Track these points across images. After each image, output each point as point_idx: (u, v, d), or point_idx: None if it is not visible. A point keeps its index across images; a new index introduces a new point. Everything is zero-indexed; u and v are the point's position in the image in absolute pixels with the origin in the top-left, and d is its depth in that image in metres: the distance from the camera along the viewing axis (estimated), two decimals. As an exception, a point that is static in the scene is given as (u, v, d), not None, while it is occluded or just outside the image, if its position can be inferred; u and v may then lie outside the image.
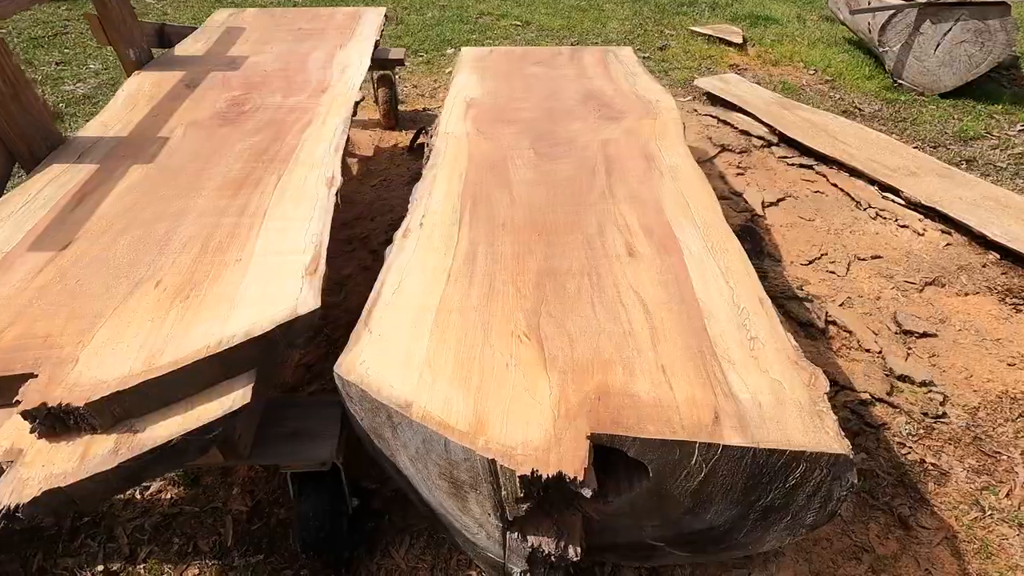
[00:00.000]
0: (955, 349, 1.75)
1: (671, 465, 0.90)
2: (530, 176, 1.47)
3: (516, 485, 0.84)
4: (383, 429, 1.01)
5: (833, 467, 0.86)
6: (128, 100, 1.66)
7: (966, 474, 1.44)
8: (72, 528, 1.30)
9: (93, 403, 0.85)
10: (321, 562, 1.23)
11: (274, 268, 1.07)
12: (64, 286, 1.04)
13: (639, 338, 1.01)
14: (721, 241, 1.24)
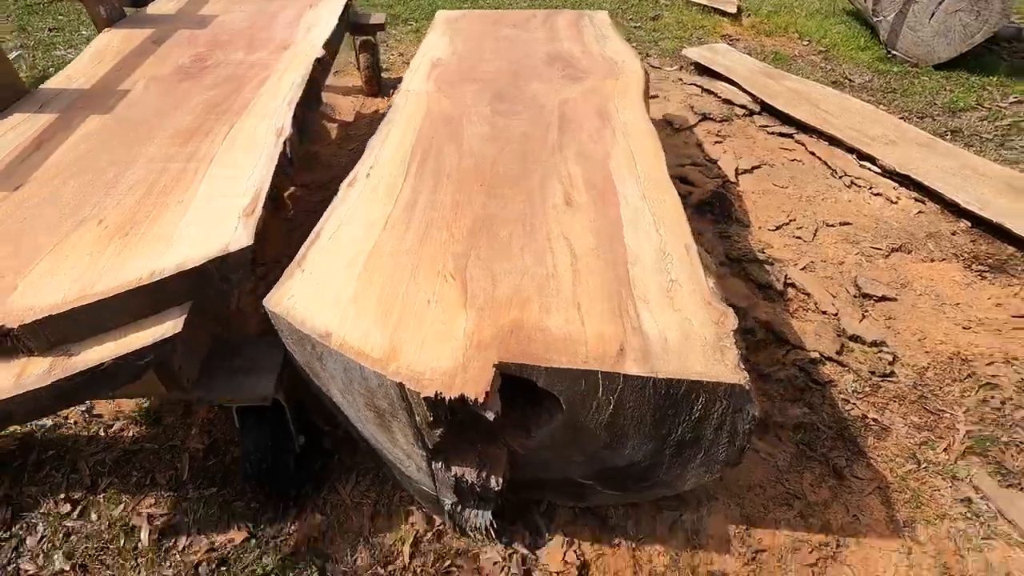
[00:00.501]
0: (912, 313, 1.76)
1: (580, 396, 0.93)
2: (484, 132, 1.49)
3: (424, 408, 0.89)
4: (313, 363, 1.05)
5: (731, 398, 0.89)
6: (95, 55, 1.70)
7: (907, 430, 1.46)
8: (37, 460, 1.37)
9: (26, 326, 0.90)
10: (269, 495, 1.29)
11: (214, 210, 1.11)
12: (11, 224, 1.09)
13: (561, 280, 1.04)
14: (660, 193, 1.26)
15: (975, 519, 1.29)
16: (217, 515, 1.28)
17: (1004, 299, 1.80)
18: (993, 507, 1.31)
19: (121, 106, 1.44)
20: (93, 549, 1.22)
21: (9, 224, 1.08)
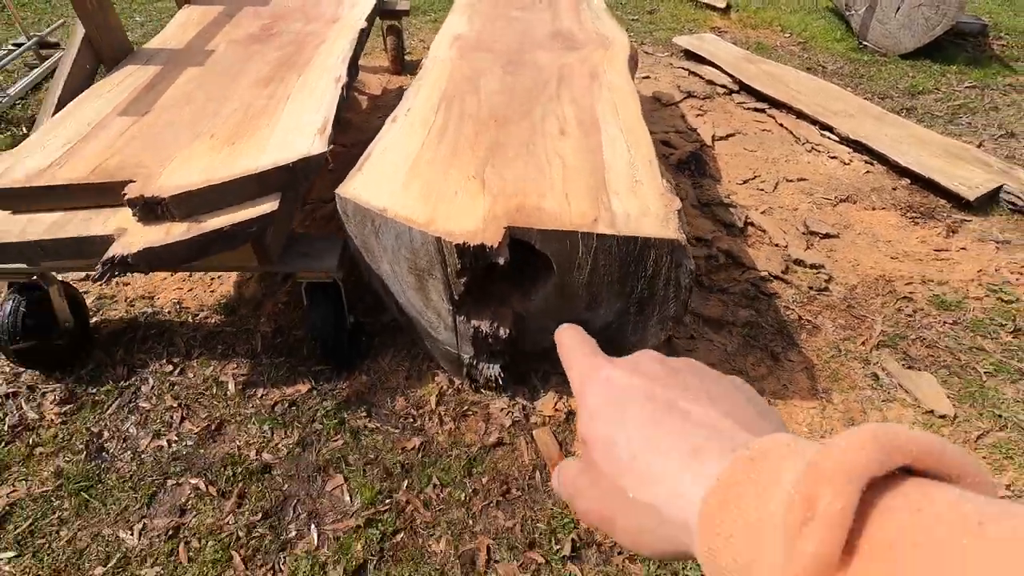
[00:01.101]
0: (851, 246, 2.11)
1: (566, 256, 1.29)
2: (496, 86, 1.85)
3: (454, 256, 1.25)
4: (370, 239, 1.42)
5: (673, 253, 1.25)
6: (180, 26, 2.08)
7: (834, 328, 1.82)
8: (143, 336, 1.74)
9: (172, 198, 1.27)
10: (327, 360, 1.65)
11: (296, 129, 1.48)
12: (146, 137, 1.46)
13: (554, 181, 1.40)
14: (634, 128, 1.61)
15: (880, 389, 1.64)
16: (286, 375, 1.64)
17: (928, 238, 2.15)
18: (895, 382, 1.66)
19: (210, 61, 1.82)
20: (193, 394, 1.59)
21: (145, 138, 1.46)
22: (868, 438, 0.20)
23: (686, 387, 0.29)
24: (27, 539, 1.28)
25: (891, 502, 0.19)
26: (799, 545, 0.19)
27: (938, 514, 0.18)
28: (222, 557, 1.26)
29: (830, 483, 0.19)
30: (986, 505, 0.18)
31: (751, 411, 0.28)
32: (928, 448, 0.20)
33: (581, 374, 0.33)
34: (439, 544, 1.30)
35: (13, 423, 1.50)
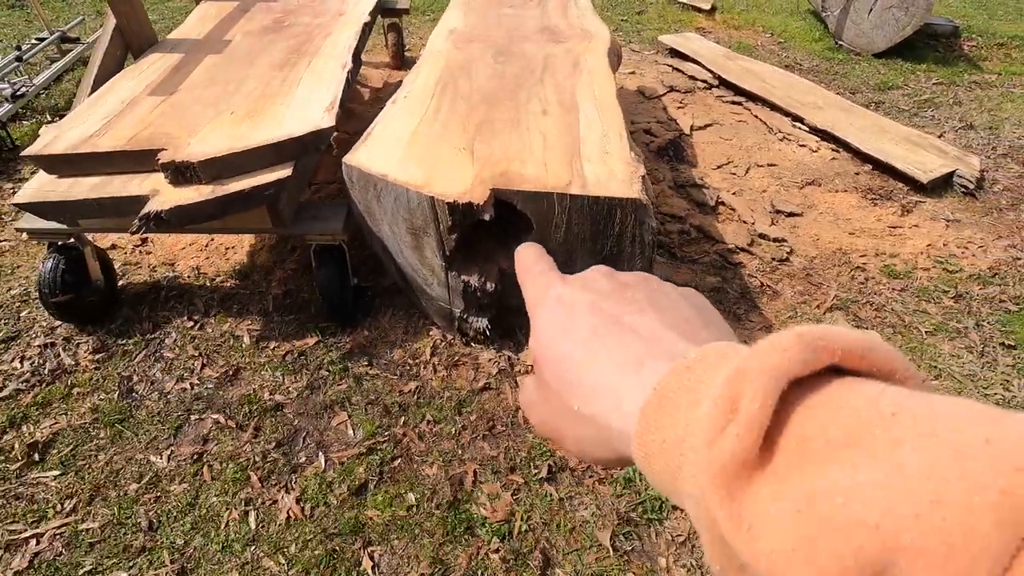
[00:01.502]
0: (813, 223, 2.30)
1: (544, 215, 1.47)
2: (488, 73, 2.04)
3: (446, 213, 1.43)
4: (372, 203, 1.60)
5: (636, 211, 1.43)
6: (199, 19, 2.27)
7: (793, 294, 2.00)
8: (165, 297, 1.92)
9: (200, 163, 1.45)
10: (333, 317, 1.83)
11: (307, 107, 1.66)
12: (174, 113, 1.65)
13: (535, 152, 1.58)
14: (608, 108, 1.80)
15: (830, 345, 1.82)
16: (295, 330, 1.82)
17: (884, 216, 2.34)
18: (845, 339, 1.85)
19: (228, 49, 2.01)
20: (212, 346, 1.77)
21: (173, 113, 1.64)
22: (793, 339, 0.20)
23: (631, 300, 0.29)
24: (69, 461, 1.46)
25: (813, 400, 0.19)
26: (718, 443, 0.19)
27: (856, 408, 0.18)
28: (241, 476, 1.44)
29: (751, 383, 0.19)
30: (905, 398, 0.18)
31: (697, 322, 0.28)
32: (853, 346, 0.20)
33: (534, 293, 0.33)
34: (431, 469, 1.48)
35: (52, 367, 1.67)
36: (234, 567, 1.27)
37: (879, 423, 0.17)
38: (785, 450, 0.19)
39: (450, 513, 1.38)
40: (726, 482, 0.19)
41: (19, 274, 1.99)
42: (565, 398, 0.27)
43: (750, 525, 0.18)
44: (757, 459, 0.19)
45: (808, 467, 0.18)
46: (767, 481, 0.18)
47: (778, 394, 0.19)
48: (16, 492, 1.39)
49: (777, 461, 0.19)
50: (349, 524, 1.35)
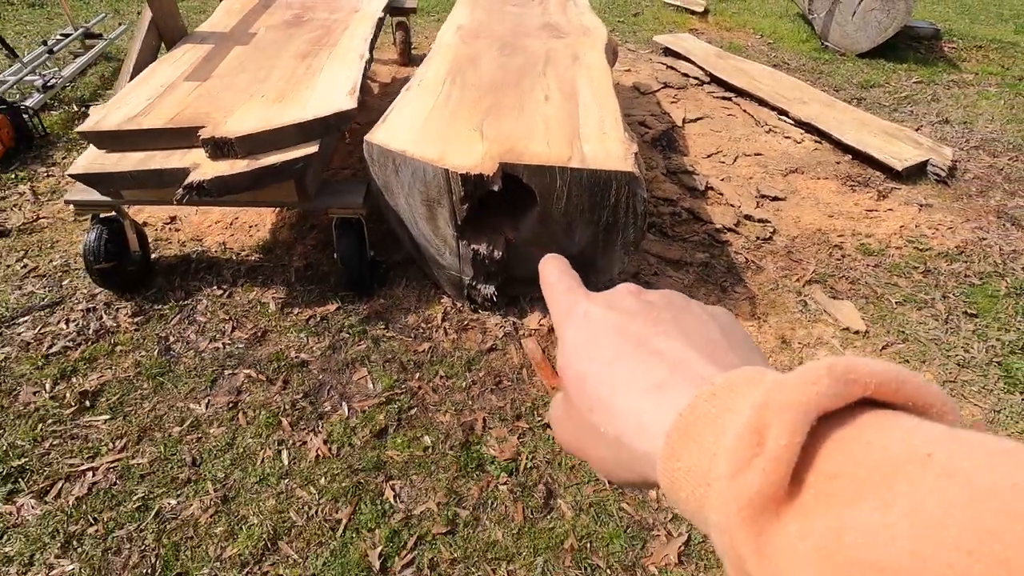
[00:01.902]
0: (795, 207, 2.47)
1: (547, 187, 1.63)
2: (494, 64, 2.21)
3: (459, 184, 1.59)
4: (390, 177, 1.76)
5: (630, 183, 1.59)
6: (224, 14, 2.43)
7: (775, 269, 2.17)
8: (195, 269, 2.07)
9: (236, 139, 1.61)
10: (351, 287, 1.99)
11: (330, 91, 1.82)
12: (210, 96, 1.81)
13: (538, 132, 1.75)
14: (605, 96, 1.97)
15: (807, 313, 1.99)
16: (317, 298, 1.98)
17: (862, 201, 2.51)
18: (821, 308, 2.01)
19: (254, 41, 2.17)
20: (240, 311, 1.92)
21: (209, 96, 1.80)
22: (823, 371, 0.19)
23: (657, 321, 0.28)
24: (117, 407, 1.61)
25: (844, 435, 0.19)
26: (744, 478, 0.19)
27: (886, 445, 0.18)
28: (273, 421, 1.59)
29: (779, 417, 0.19)
30: (940, 435, 0.17)
31: (723, 343, 0.27)
32: (886, 379, 0.19)
33: (560, 310, 0.33)
34: (445, 416, 1.63)
35: (96, 328, 1.82)
36: (271, 495, 1.43)
37: (908, 462, 0.17)
38: (813, 486, 0.18)
39: (462, 453, 1.54)
40: (752, 516, 0.19)
41: (58, 248, 2.14)
42: (589, 417, 0.27)
43: (774, 561, 0.18)
44: (784, 495, 0.18)
45: (835, 505, 0.17)
46: (794, 518, 0.18)
47: (807, 430, 0.18)
48: (71, 433, 1.54)
49: (804, 497, 0.18)
50: (372, 461, 1.51)
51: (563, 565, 1.33)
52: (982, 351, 1.87)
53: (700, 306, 0.31)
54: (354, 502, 1.42)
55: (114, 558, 1.30)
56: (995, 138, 3.04)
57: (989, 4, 5.36)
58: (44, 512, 1.37)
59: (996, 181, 2.70)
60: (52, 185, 2.45)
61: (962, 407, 1.71)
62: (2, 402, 1.60)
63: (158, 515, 1.38)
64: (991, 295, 2.08)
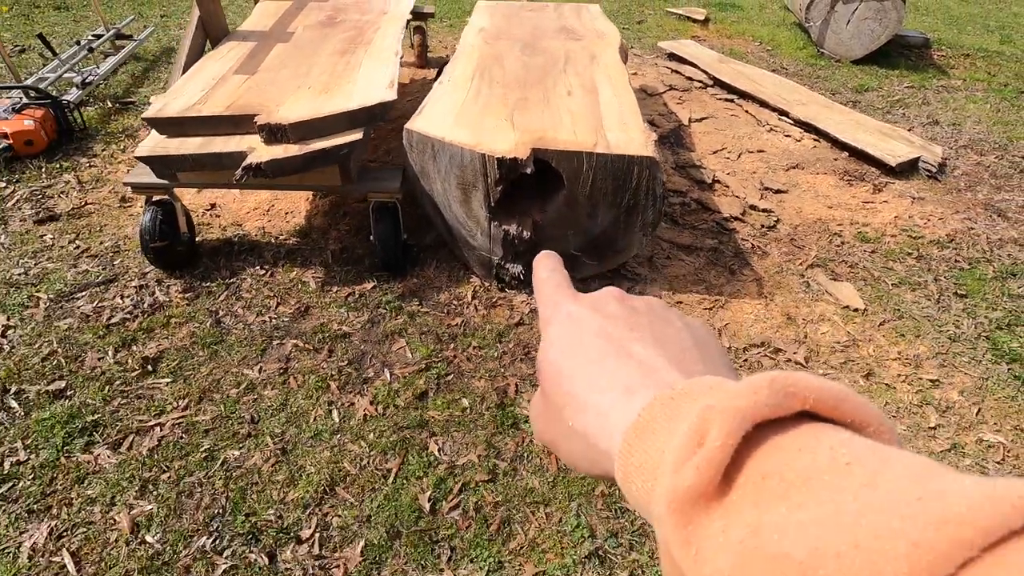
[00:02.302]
0: (797, 199, 2.63)
1: (574, 171, 1.78)
2: (517, 63, 2.37)
3: (495, 167, 1.74)
4: (427, 163, 1.90)
5: (650, 168, 1.75)
6: (261, 15, 2.58)
7: (779, 254, 2.32)
8: (238, 251, 2.21)
9: (289, 125, 1.76)
10: (386, 267, 2.12)
11: (371, 84, 1.97)
12: (259, 87, 1.95)
13: (565, 122, 1.90)
14: (622, 91, 2.13)
15: (810, 293, 2.14)
16: (354, 277, 2.12)
17: (859, 193, 2.68)
18: (823, 289, 2.17)
19: (293, 39, 2.32)
20: (283, 289, 2.06)
21: (259, 88, 1.95)
22: (765, 383, 0.21)
23: (635, 327, 0.30)
24: (177, 372, 1.73)
25: (779, 442, 0.20)
26: (679, 475, 0.20)
27: (815, 454, 0.19)
28: (322, 385, 1.72)
29: (717, 420, 0.20)
30: (863, 450, 0.19)
31: (694, 355, 0.29)
32: (824, 396, 0.21)
33: (546, 307, 0.34)
34: (480, 382, 1.77)
35: (150, 302, 1.95)
36: (325, 448, 1.56)
37: (831, 470, 0.18)
38: (743, 486, 0.20)
39: (498, 413, 1.67)
40: (681, 509, 0.20)
41: (107, 231, 2.27)
42: (561, 412, 0.29)
43: (697, 550, 0.19)
44: (715, 492, 0.20)
45: (761, 504, 0.19)
46: (722, 514, 0.19)
47: (741, 434, 0.20)
48: (137, 393, 1.66)
49: (733, 496, 0.20)
50: (415, 420, 1.64)
51: (595, 508, 1.46)
52: (971, 327, 2.02)
53: (679, 316, 0.32)
54: (402, 454, 1.55)
55: (187, 500, 1.42)
56: (982, 138, 3.23)
57: (975, 16, 5.60)
58: (120, 461, 1.49)
59: (983, 177, 2.88)
60: (95, 174, 2.58)
61: (953, 376, 1.86)
62: (70, 366, 1.72)
63: (224, 464, 1.50)
64: (979, 278, 2.24)
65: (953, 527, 0.15)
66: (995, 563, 0.14)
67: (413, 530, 1.39)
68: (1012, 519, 0.15)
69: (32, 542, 1.32)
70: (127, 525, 1.36)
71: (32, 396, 1.63)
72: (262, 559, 1.32)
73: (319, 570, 1.31)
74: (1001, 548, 0.15)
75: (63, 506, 1.39)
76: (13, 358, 1.74)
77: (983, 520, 0.15)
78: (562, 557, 1.37)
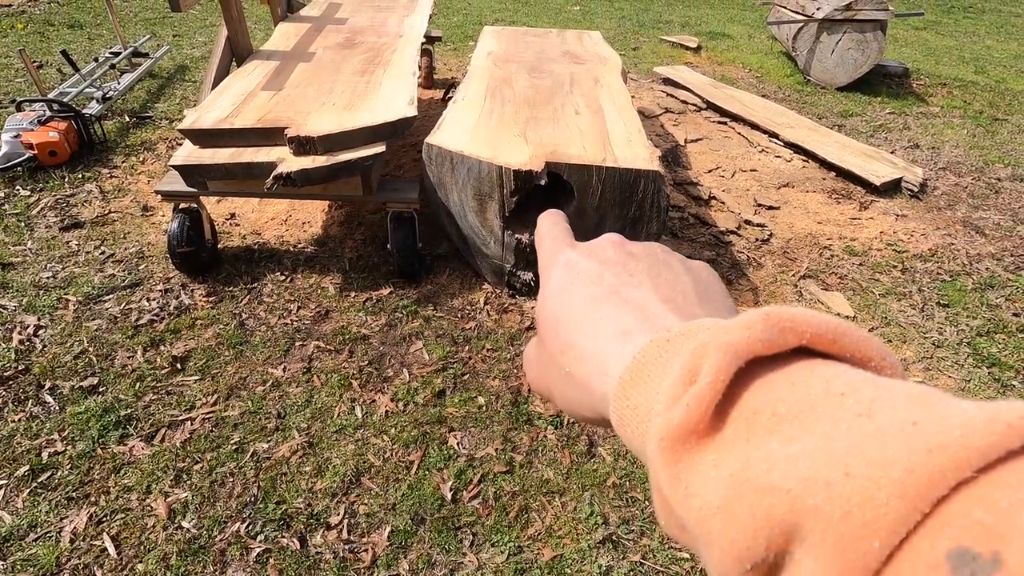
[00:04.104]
0: (788, 215, 2.78)
1: (584, 183, 1.91)
2: (525, 84, 2.51)
3: (511, 178, 1.86)
4: (445, 175, 2.02)
5: (655, 181, 1.87)
6: (283, 35, 2.71)
7: (773, 265, 2.45)
8: (258, 258, 2.29)
9: (316, 138, 1.87)
10: (403, 273, 2.22)
11: (393, 101, 2.10)
12: (287, 102, 2.07)
13: (574, 138, 2.03)
14: (627, 111, 2.27)
15: (803, 302, 2.27)
16: (371, 283, 2.21)
17: (846, 211, 2.83)
18: (815, 298, 2.29)
19: (314, 59, 2.45)
20: (303, 294, 2.14)
21: (286, 103, 2.06)
22: (759, 318, 0.20)
23: (633, 272, 0.29)
24: (205, 370, 1.81)
25: (773, 377, 0.20)
26: (670, 413, 0.20)
27: (809, 387, 0.19)
28: (344, 383, 1.80)
29: (709, 358, 0.20)
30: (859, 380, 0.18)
31: (692, 297, 0.28)
32: (823, 330, 0.20)
33: (545, 257, 0.33)
34: (494, 382, 1.86)
35: (176, 305, 2.03)
36: (350, 442, 1.63)
37: (824, 401, 0.18)
38: (735, 421, 0.19)
39: (513, 410, 1.76)
40: (671, 447, 0.20)
41: (131, 238, 2.35)
42: (558, 359, 0.28)
43: (687, 486, 0.19)
44: (706, 429, 0.20)
45: (752, 438, 0.19)
46: (713, 449, 0.19)
47: (733, 370, 0.19)
48: (167, 390, 1.73)
49: (725, 432, 0.19)
50: (434, 416, 1.72)
51: (608, 498, 1.55)
52: (954, 334, 2.16)
53: (680, 260, 0.31)
54: (423, 448, 1.63)
55: (220, 489, 1.49)
56: (960, 161, 3.42)
57: (951, 48, 5.90)
58: (153, 452, 1.56)
59: (962, 197, 3.05)
60: (116, 184, 2.67)
61: (937, 380, 1.98)
62: (101, 364, 1.79)
63: (253, 455, 1.57)
64: (960, 289, 2.38)
65: (948, 450, 0.15)
66: (990, 483, 0.14)
67: (436, 517, 1.47)
68: (1009, 439, 0.14)
69: (72, 527, 1.38)
70: (164, 511, 1.42)
71: (66, 391, 1.70)
72: (294, 543, 1.39)
73: (349, 553, 1.38)
74: (998, 468, 0.14)
75: (101, 494, 1.45)
76: (46, 356, 1.80)
77: (978, 441, 0.15)
78: (577, 542, 1.45)
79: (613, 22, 5.96)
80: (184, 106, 3.37)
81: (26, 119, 2.68)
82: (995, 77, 4.99)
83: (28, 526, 1.38)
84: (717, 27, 5.99)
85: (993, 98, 4.47)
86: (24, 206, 2.48)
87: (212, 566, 1.33)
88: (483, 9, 6.08)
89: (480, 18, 5.70)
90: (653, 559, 1.43)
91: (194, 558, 1.34)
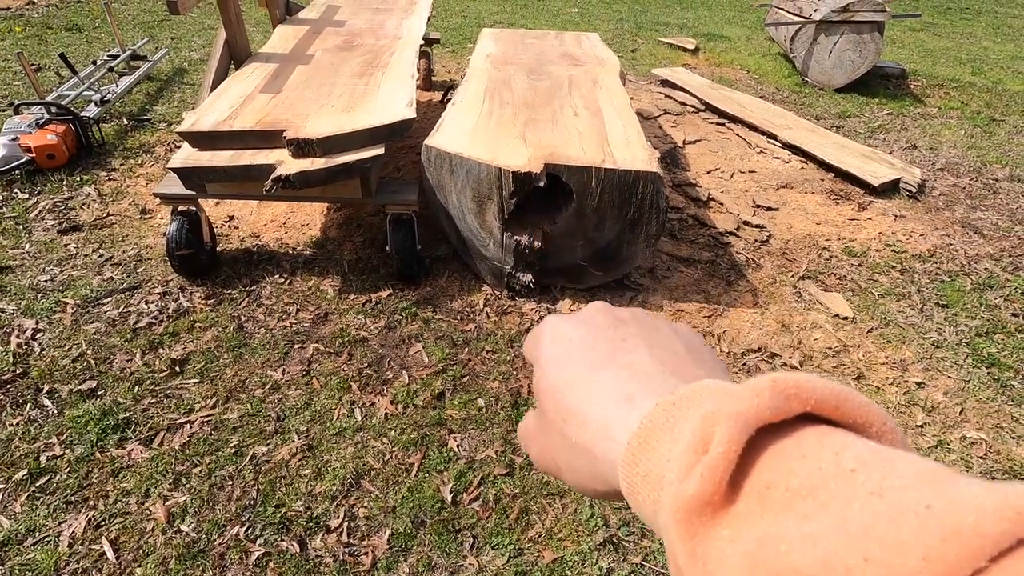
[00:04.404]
0: (787, 216, 2.78)
1: (583, 185, 1.91)
2: (524, 86, 2.51)
3: (510, 180, 1.85)
4: (444, 177, 2.02)
5: (654, 182, 1.87)
6: (280, 39, 2.71)
7: (772, 266, 2.45)
8: (257, 260, 2.29)
9: (316, 140, 1.87)
10: (402, 276, 2.22)
11: (391, 103, 2.10)
12: (286, 105, 2.07)
13: (573, 140, 2.03)
14: (626, 112, 2.27)
15: (802, 303, 2.27)
16: (370, 285, 2.21)
17: (845, 211, 2.84)
18: (814, 299, 2.29)
19: (313, 61, 2.45)
20: (302, 296, 2.14)
21: (285, 105, 2.06)
22: (766, 385, 0.20)
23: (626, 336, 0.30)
24: (204, 373, 1.80)
25: (783, 447, 0.20)
26: (684, 483, 0.20)
27: (819, 460, 0.19)
28: (343, 386, 1.80)
29: (721, 426, 0.20)
30: (867, 454, 0.18)
31: (687, 358, 0.29)
32: (826, 397, 0.20)
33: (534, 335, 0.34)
34: (494, 383, 1.86)
35: (174, 308, 2.02)
36: (349, 444, 1.63)
37: (836, 477, 0.18)
38: (748, 494, 0.19)
39: (513, 412, 1.76)
40: (687, 519, 0.20)
41: (129, 241, 2.35)
42: (561, 428, 0.28)
43: (705, 562, 0.19)
44: (720, 501, 0.19)
45: (767, 514, 0.18)
46: (727, 523, 0.19)
47: (744, 439, 0.19)
48: (166, 393, 1.73)
49: (739, 505, 0.19)
50: (434, 418, 1.72)
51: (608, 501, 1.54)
52: (953, 334, 2.16)
53: (665, 322, 0.32)
54: (423, 450, 1.63)
55: (219, 492, 1.48)
56: (957, 162, 3.43)
57: (948, 49, 5.92)
58: (152, 456, 1.55)
59: (959, 197, 3.06)
60: (114, 187, 2.67)
61: (938, 379, 1.98)
62: (100, 367, 1.79)
63: (252, 458, 1.57)
64: (958, 289, 2.38)
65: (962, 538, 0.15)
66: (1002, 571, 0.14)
67: (436, 520, 1.46)
68: (1019, 527, 0.15)
69: (71, 531, 1.37)
70: (163, 515, 1.41)
71: (64, 395, 1.69)
72: (293, 547, 1.38)
73: (349, 556, 1.37)
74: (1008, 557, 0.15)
75: (99, 498, 1.45)
76: (44, 359, 1.80)
77: (990, 528, 0.15)
78: (578, 544, 1.44)
79: (611, 24, 5.97)
80: (182, 109, 3.37)
81: (24, 122, 2.67)
82: (992, 78, 5.00)
83: (26, 530, 1.37)
84: (715, 29, 6.00)
85: (990, 99, 4.48)
86: (22, 209, 2.48)
87: (211, 570, 1.33)
88: (481, 11, 6.09)
89: (478, 20, 5.71)
90: (654, 561, 1.42)
91: (193, 562, 1.34)
